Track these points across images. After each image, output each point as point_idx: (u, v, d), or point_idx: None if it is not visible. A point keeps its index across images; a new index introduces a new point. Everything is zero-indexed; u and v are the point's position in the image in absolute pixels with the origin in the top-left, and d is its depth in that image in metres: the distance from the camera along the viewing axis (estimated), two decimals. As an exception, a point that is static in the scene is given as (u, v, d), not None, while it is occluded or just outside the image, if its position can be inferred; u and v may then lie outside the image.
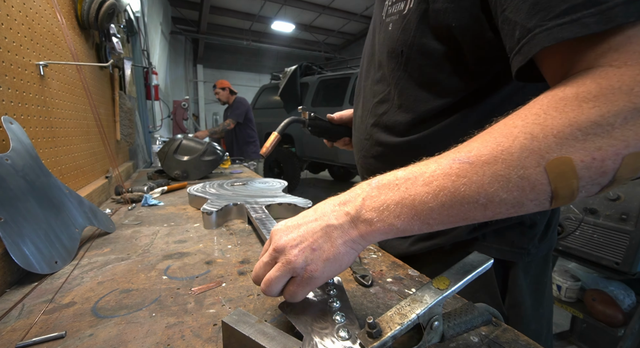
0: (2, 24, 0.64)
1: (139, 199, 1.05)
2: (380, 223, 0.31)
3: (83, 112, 1.08)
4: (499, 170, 0.27)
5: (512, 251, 0.51)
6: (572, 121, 0.25)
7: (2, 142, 0.59)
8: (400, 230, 0.31)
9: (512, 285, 0.52)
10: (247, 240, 0.69)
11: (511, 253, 0.51)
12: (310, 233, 0.33)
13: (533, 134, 0.26)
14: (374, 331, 0.27)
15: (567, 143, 0.25)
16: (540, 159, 0.26)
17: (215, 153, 1.55)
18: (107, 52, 1.39)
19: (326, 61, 9.94)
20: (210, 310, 0.42)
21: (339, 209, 0.34)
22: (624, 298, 1.41)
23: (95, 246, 0.66)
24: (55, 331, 0.37)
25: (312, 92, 4.52)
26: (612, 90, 0.25)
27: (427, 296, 0.29)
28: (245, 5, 8.56)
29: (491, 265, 0.32)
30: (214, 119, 11.63)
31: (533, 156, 0.26)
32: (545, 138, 0.26)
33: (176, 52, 8.84)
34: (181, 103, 4.72)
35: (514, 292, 0.52)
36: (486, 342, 0.35)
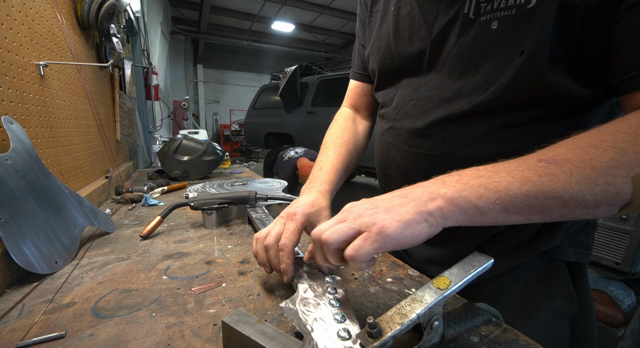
0: (2, 24, 0.64)
1: (139, 199, 1.05)
2: (461, 200, 0.31)
3: (83, 112, 1.08)
4: (587, 174, 0.29)
5: (583, 253, 0.51)
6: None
7: (2, 142, 0.59)
8: (480, 212, 0.31)
9: (582, 286, 0.51)
10: (247, 240, 0.69)
11: (582, 254, 0.51)
12: (386, 201, 0.34)
13: (624, 149, 0.29)
14: (374, 331, 0.27)
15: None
16: (629, 171, 0.29)
17: (215, 153, 1.55)
18: (107, 52, 1.39)
19: (326, 61, 9.93)
20: (210, 310, 0.42)
21: (418, 188, 0.34)
22: (624, 298, 1.41)
23: (95, 246, 0.66)
24: (55, 331, 0.37)
25: (312, 92, 4.52)
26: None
27: (428, 296, 0.29)
28: (245, 5, 8.56)
29: (491, 265, 0.32)
30: (214, 119, 11.63)
31: (622, 167, 0.29)
32: (635, 154, 0.29)
33: (176, 52, 8.84)
34: (181, 103, 4.73)
35: (586, 294, 0.51)
36: (486, 342, 0.35)
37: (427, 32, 0.50)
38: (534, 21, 0.39)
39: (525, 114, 0.44)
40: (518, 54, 0.41)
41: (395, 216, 0.31)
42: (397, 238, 0.31)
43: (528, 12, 0.39)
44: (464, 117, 0.47)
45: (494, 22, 0.43)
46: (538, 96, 0.42)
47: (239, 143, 10.45)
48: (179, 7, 8.38)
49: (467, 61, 0.46)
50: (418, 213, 0.31)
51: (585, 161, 0.30)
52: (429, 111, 0.51)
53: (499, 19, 0.42)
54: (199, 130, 3.37)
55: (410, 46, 0.53)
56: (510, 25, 0.41)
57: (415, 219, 0.31)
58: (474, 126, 0.47)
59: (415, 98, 0.53)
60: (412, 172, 0.55)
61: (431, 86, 0.51)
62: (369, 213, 0.33)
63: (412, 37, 0.52)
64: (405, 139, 0.55)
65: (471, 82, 0.46)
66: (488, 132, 0.46)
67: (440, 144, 0.50)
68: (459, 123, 0.48)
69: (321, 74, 4.63)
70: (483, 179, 0.32)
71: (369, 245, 0.31)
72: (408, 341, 0.29)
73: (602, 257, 1.37)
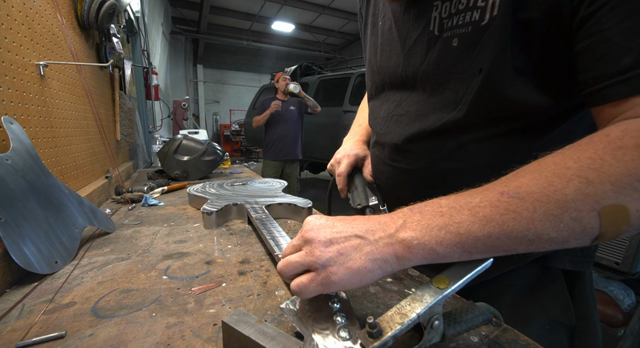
0: (2, 24, 0.64)
1: (139, 199, 1.05)
2: (419, 247, 0.30)
3: (83, 112, 1.08)
4: (551, 209, 0.27)
5: (581, 261, 0.50)
6: (631, 171, 0.26)
7: (2, 142, 0.59)
8: (440, 256, 0.30)
9: (580, 296, 0.50)
10: (247, 240, 0.69)
11: (581, 262, 0.50)
12: (343, 238, 0.33)
13: (589, 179, 0.27)
14: (375, 331, 0.27)
15: (625, 192, 0.26)
16: (595, 204, 0.26)
17: (215, 153, 1.55)
18: (107, 52, 1.39)
19: (326, 61, 9.94)
20: (210, 310, 0.42)
21: (378, 227, 0.33)
22: (624, 298, 1.41)
23: (95, 246, 0.66)
24: (56, 331, 0.37)
25: (312, 92, 4.52)
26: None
27: (427, 296, 0.29)
28: (245, 5, 8.56)
29: (490, 264, 0.32)
30: (214, 119, 11.64)
31: (588, 200, 0.27)
32: (601, 184, 0.26)
33: (176, 52, 8.84)
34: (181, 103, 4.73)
35: (585, 304, 0.50)
36: (486, 342, 0.35)
37: (401, 47, 0.51)
38: (489, 38, 0.39)
39: (494, 129, 0.43)
40: (477, 72, 0.41)
41: (346, 263, 0.31)
42: (342, 285, 0.31)
43: (483, 29, 0.39)
44: (436, 133, 0.48)
45: (454, 39, 0.42)
46: (503, 112, 0.42)
47: (239, 143, 10.45)
48: (179, 7, 8.38)
49: (435, 78, 0.47)
50: (372, 260, 0.31)
51: (549, 195, 0.27)
52: (407, 126, 0.52)
53: (458, 36, 0.42)
54: (199, 130, 3.37)
55: (390, 61, 0.54)
56: (468, 42, 0.41)
57: (367, 267, 0.31)
58: (447, 143, 0.47)
59: (397, 114, 0.54)
60: (398, 184, 0.56)
61: (410, 101, 0.52)
62: (322, 250, 0.32)
63: (391, 52, 0.53)
64: (388, 154, 0.56)
65: (441, 99, 0.46)
66: (459, 147, 0.46)
67: (418, 159, 0.51)
68: (432, 139, 0.48)
69: (321, 74, 4.63)
70: (444, 219, 0.30)
71: (313, 287, 0.31)
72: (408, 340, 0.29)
73: (602, 257, 1.37)
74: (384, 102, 0.59)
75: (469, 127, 0.44)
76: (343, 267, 0.31)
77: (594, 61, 0.32)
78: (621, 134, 0.28)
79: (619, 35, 0.30)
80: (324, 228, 0.34)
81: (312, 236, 0.33)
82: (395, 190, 0.57)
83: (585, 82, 0.33)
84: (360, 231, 0.33)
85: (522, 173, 0.30)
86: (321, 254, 0.32)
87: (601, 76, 0.31)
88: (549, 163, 0.30)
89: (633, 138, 0.27)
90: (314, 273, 0.32)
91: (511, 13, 0.36)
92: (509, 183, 0.30)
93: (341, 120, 3.80)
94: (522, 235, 0.28)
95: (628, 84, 0.30)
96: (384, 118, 0.58)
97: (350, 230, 0.33)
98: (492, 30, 0.38)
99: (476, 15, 0.39)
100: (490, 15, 0.38)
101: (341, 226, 0.34)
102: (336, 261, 0.31)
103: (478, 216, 0.29)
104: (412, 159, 0.52)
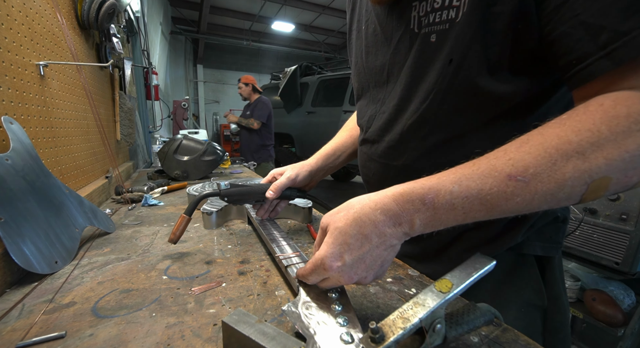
0: (2, 24, 0.64)
1: (139, 199, 1.05)
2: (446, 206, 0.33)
3: (83, 112, 1.08)
4: (550, 189, 0.30)
5: (551, 247, 0.53)
6: (621, 143, 0.28)
7: (2, 142, 0.59)
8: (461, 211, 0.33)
9: (552, 278, 0.53)
10: (247, 240, 0.69)
11: (550, 248, 0.53)
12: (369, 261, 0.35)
13: (585, 154, 0.29)
14: (377, 336, 0.27)
15: (614, 164, 0.29)
16: (588, 178, 0.29)
17: (215, 153, 1.55)
18: (107, 52, 1.39)
19: (326, 61, 9.93)
20: (210, 310, 0.42)
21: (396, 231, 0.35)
22: (624, 298, 1.41)
23: (95, 246, 0.66)
24: (56, 331, 0.37)
25: (312, 92, 4.52)
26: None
27: (430, 300, 0.29)
28: (245, 5, 8.56)
29: (493, 267, 0.32)
30: (214, 119, 11.63)
31: (583, 176, 0.29)
32: (596, 159, 0.29)
33: (176, 52, 8.84)
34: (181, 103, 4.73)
35: (555, 285, 0.53)
36: (486, 342, 0.35)
37: (388, 47, 0.54)
38: (461, 31, 0.42)
39: (470, 121, 0.46)
40: (448, 62, 0.44)
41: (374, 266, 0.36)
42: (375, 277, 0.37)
43: (457, 24, 0.42)
44: (415, 126, 0.51)
45: (432, 35, 0.46)
46: (476, 101, 0.44)
47: (239, 143, 10.45)
48: (179, 7, 8.38)
49: (413, 72, 0.50)
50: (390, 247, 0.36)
51: (550, 175, 0.30)
52: (390, 122, 0.55)
53: (436, 33, 0.45)
54: (199, 130, 3.37)
55: (376, 61, 0.57)
56: (444, 37, 0.44)
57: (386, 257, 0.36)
58: (427, 138, 0.50)
59: (381, 111, 0.58)
60: (386, 180, 0.58)
61: (391, 98, 0.55)
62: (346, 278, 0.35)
63: (377, 52, 0.56)
64: (375, 150, 0.59)
65: (417, 91, 0.49)
66: (440, 143, 0.49)
67: (402, 155, 0.54)
68: (412, 135, 0.51)
69: (321, 74, 4.63)
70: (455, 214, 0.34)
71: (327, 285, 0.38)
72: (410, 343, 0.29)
73: (602, 257, 1.37)
74: (370, 101, 0.61)
75: (445, 118, 0.47)
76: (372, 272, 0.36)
77: (574, 43, 0.34)
78: (613, 104, 0.30)
79: (591, 18, 0.32)
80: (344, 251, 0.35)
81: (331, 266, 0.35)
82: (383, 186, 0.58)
83: (569, 64, 0.35)
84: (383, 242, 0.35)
85: (527, 147, 0.32)
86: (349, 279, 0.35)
87: (584, 55, 0.33)
88: (552, 135, 0.31)
89: (625, 106, 0.29)
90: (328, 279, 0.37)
91: (480, 8, 0.40)
92: (517, 163, 0.31)
93: (341, 120, 3.80)
94: (518, 211, 0.32)
95: (608, 58, 0.31)
96: (371, 116, 0.61)
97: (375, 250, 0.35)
98: (462, 24, 0.42)
99: (452, 14, 0.43)
100: (463, 12, 0.41)
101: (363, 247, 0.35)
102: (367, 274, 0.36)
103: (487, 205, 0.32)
104: (396, 155, 0.55)
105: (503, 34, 0.40)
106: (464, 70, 0.43)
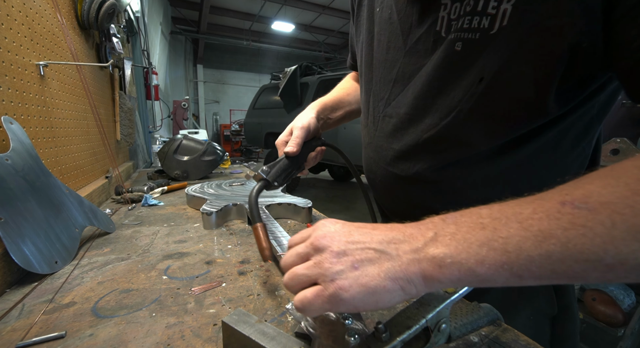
0: (2, 24, 0.64)
1: (139, 199, 1.05)
2: (454, 266, 0.24)
3: (83, 112, 1.08)
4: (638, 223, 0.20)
5: None
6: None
7: (2, 142, 0.59)
8: (480, 279, 0.24)
9: (563, 287, 0.51)
10: (247, 240, 0.69)
11: None
12: (359, 250, 0.27)
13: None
14: (383, 335, 0.27)
15: None
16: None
17: (215, 153, 1.55)
18: (107, 52, 1.39)
19: (326, 61, 9.94)
20: (210, 310, 0.42)
21: (403, 238, 0.27)
22: (624, 298, 1.41)
23: (95, 246, 0.66)
24: (56, 331, 0.38)
25: (312, 92, 4.52)
26: None
27: (435, 300, 0.29)
28: (245, 5, 8.56)
29: None
30: (214, 119, 11.64)
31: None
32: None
33: (176, 52, 8.84)
34: (181, 103, 4.73)
35: (566, 294, 0.51)
36: (486, 342, 0.35)
37: (403, 42, 0.48)
38: (498, 47, 0.36)
39: (496, 141, 0.41)
40: (478, 81, 0.38)
41: (361, 278, 0.26)
42: (354, 305, 0.26)
43: (491, 38, 0.36)
44: (432, 142, 0.46)
45: (457, 43, 0.39)
46: (506, 125, 0.39)
47: (239, 143, 10.44)
48: (179, 7, 8.38)
49: (432, 82, 0.44)
50: (392, 279, 0.25)
51: (634, 205, 0.21)
52: (401, 131, 0.50)
53: (463, 41, 0.39)
54: (199, 130, 3.37)
55: (387, 53, 0.51)
56: (473, 49, 0.38)
57: (386, 287, 0.25)
58: (443, 153, 0.45)
59: (387, 114, 0.53)
60: (392, 188, 0.55)
61: (399, 102, 0.50)
62: (332, 261, 0.27)
63: (389, 44, 0.50)
64: (383, 158, 0.54)
65: (436, 105, 0.44)
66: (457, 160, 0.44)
67: (412, 168, 0.49)
68: (428, 149, 0.47)
69: (321, 74, 4.63)
70: (487, 232, 0.24)
71: (318, 303, 0.26)
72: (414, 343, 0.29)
73: (602, 257, 1.37)
74: (372, 97, 0.57)
75: (465, 137, 0.43)
76: (357, 284, 0.26)
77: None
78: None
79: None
80: (339, 236, 0.29)
81: (324, 245, 0.28)
82: (389, 192, 0.55)
83: None
84: (380, 243, 0.27)
85: (588, 179, 0.24)
86: (331, 266, 0.27)
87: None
88: (628, 166, 0.23)
89: None
90: (320, 287, 0.27)
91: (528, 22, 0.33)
92: (572, 191, 0.23)
93: (341, 120, 3.80)
94: (597, 258, 0.21)
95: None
96: (375, 118, 0.56)
97: (369, 241, 0.28)
98: (500, 40, 0.36)
99: (485, 22, 0.36)
100: (500, 25, 0.35)
101: (359, 236, 0.29)
102: (348, 276, 0.26)
103: (532, 230, 0.23)
104: (407, 167, 0.50)
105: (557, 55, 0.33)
106: (496, 92, 0.37)
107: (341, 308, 0.26)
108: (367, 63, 0.56)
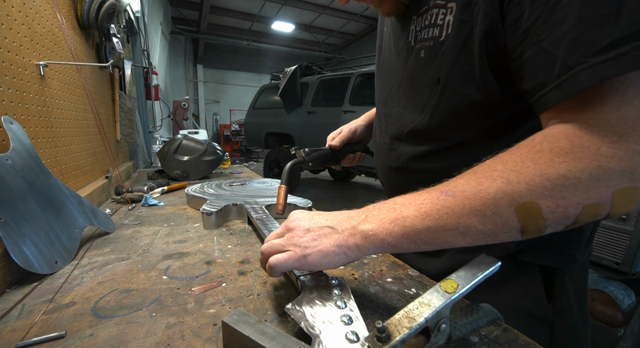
0: (2, 24, 0.64)
1: (139, 199, 1.05)
2: (374, 237, 0.36)
3: (83, 112, 1.08)
4: (476, 205, 0.32)
5: (559, 258, 0.50)
6: (543, 172, 0.30)
7: (2, 142, 0.59)
8: (390, 246, 0.35)
9: (559, 291, 0.50)
10: (247, 240, 0.69)
11: (558, 259, 0.50)
12: (318, 227, 0.39)
13: (509, 179, 0.31)
14: (383, 335, 0.27)
15: (537, 190, 0.30)
16: (513, 201, 0.31)
17: (215, 153, 1.55)
18: (107, 52, 1.39)
19: (326, 61, 9.94)
20: (210, 310, 0.42)
21: (346, 219, 0.39)
22: (624, 298, 1.41)
23: (95, 246, 0.66)
24: (56, 331, 0.37)
25: (312, 92, 4.52)
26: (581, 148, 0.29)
27: (435, 300, 0.29)
28: (245, 5, 8.57)
29: (498, 267, 0.32)
30: (214, 119, 11.64)
31: (506, 197, 0.31)
32: (518, 183, 0.31)
33: (176, 52, 8.84)
34: (181, 103, 4.74)
35: (561, 299, 0.50)
36: (486, 342, 0.35)
37: (395, 52, 0.57)
38: (445, 52, 0.45)
39: (460, 134, 0.48)
40: (437, 81, 0.47)
41: (319, 246, 0.38)
42: (314, 264, 0.37)
43: (440, 43, 0.45)
44: (410, 136, 0.54)
45: (422, 51, 0.49)
46: (462, 117, 0.47)
47: (239, 143, 10.45)
48: (179, 7, 8.38)
49: (410, 84, 0.53)
50: (338, 246, 0.37)
51: (476, 193, 0.32)
52: (390, 126, 0.59)
53: (424, 49, 0.48)
54: (199, 130, 3.37)
55: (389, 64, 0.60)
56: (431, 54, 0.47)
57: (334, 251, 0.37)
58: (421, 145, 0.53)
59: (385, 114, 0.61)
60: (390, 180, 0.63)
61: (393, 103, 0.59)
62: (300, 235, 0.39)
63: (390, 53, 0.60)
64: (381, 151, 0.63)
65: (414, 103, 0.53)
66: (432, 152, 0.52)
67: (399, 159, 0.57)
68: (408, 141, 0.55)
69: (321, 74, 4.63)
70: (395, 214, 0.35)
71: (291, 262, 0.37)
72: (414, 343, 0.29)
73: (602, 257, 1.37)
74: (379, 102, 0.65)
75: (438, 131, 0.50)
76: (316, 249, 0.37)
77: (537, 69, 0.34)
78: (542, 139, 0.32)
79: (550, 45, 0.32)
80: (305, 220, 0.41)
81: (294, 226, 0.40)
82: (387, 183, 0.65)
83: (533, 89, 0.35)
84: (332, 223, 0.39)
85: (463, 174, 0.35)
86: (299, 239, 0.39)
87: (544, 82, 0.34)
88: (484, 165, 0.34)
89: (549, 142, 0.31)
90: (291, 251, 0.38)
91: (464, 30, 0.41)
92: (449, 184, 0.35)
93: (341, 120, 3.80)
94: (454, 228, 0.33)
95: (559, 89, 0.32)
96: (379, 118, 0.65)
97: (324, 222, 0.40)
98: (447, 46, 0.44)
99: (436, 31, 0.45)
100: (446, 33, 0.44)
101: (318, 219, 0.40)
102: (310, 245, 0.38)
103: (420, 211, 0.34)
104: (395, 158, 0.58)
105: (478, 55, 0.41)
106: (450, 91, 0.46)
107: (305, 267, 0.38)
108: (377, 73, 0.67)
